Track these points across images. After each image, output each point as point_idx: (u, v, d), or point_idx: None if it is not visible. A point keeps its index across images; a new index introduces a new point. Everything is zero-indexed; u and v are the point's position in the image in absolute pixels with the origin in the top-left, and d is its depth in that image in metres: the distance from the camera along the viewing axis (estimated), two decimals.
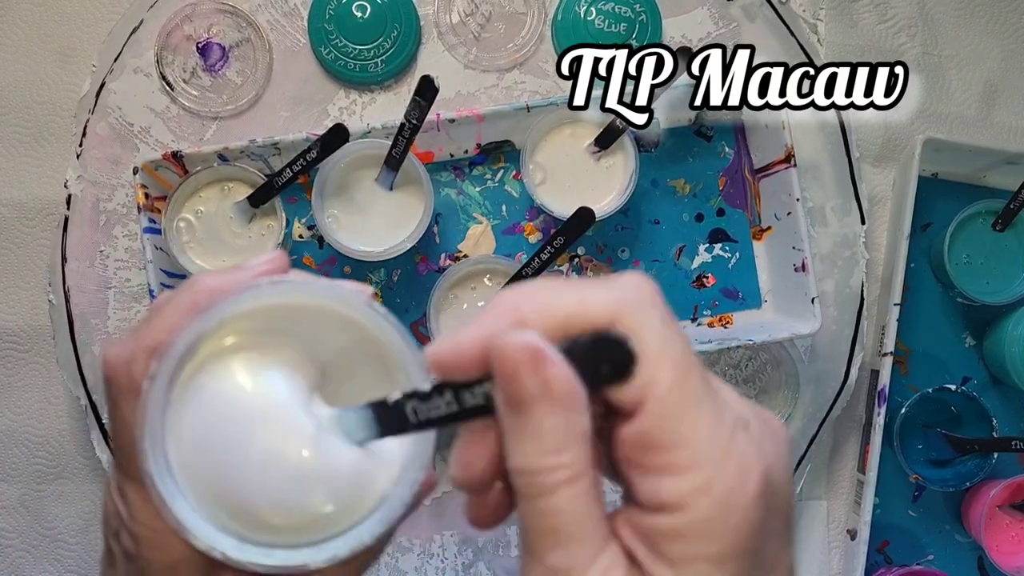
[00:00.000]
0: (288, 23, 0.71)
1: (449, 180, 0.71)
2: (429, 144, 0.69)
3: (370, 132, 0.65)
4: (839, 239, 0.72)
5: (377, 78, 0.70)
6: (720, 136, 0.71)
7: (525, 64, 0.71)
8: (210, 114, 0.71)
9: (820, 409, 0.72)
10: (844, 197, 0.72)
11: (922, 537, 0.74)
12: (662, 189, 0.71)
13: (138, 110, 0.70)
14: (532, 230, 0.70)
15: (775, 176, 0.68)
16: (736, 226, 0.72)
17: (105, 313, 0.70)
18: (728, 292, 0.71)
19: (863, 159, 0.74)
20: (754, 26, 0.72)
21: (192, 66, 0.71)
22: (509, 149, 0.70)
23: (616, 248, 0.71)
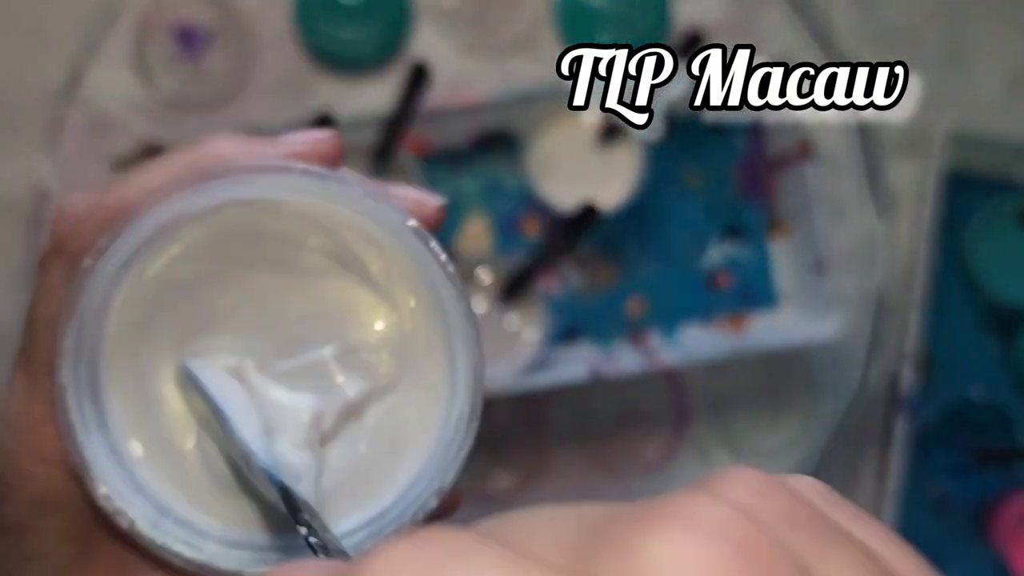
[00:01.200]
0: (271, 7, 0.69)
1: (443, 173, 0.68)
2: (422, 134, 0.67)
3: (359, 122, 0.63)
4: (858, 237, 0.71)
5: (366, 64, 0.68)
6: (733, 127, 0.71)
7: (525, 50, 0.69)
8: (191, 104, 0.69)
9: (835, 417, 0.70)
10: (863, 191, 0.71)
11: (945, 550, 0.72)
12: (672, 183, 0.70)
13: (115, 101, 0.68)
14: (532, 225, 0.69)
15: (791, 169, 0.67)
16: (750, 221, 0.70)
17: None
18: (742, 292, 0.70)
19: (883, 152, 0.73)
20: (768, 12, 0.71)
21: (171, 54, 0.69)
22: (508, 140, 0.68)
23: (622, 245, 0.69)
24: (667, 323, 0.68)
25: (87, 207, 0.24)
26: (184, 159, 0.25)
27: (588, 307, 0.68)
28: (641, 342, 0.67)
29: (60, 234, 0.24)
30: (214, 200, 0.24)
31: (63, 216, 0.25)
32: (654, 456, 0.69)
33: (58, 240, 0.24)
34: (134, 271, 0.25)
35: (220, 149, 0.25)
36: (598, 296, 0.69)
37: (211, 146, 0.25)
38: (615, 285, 0.69)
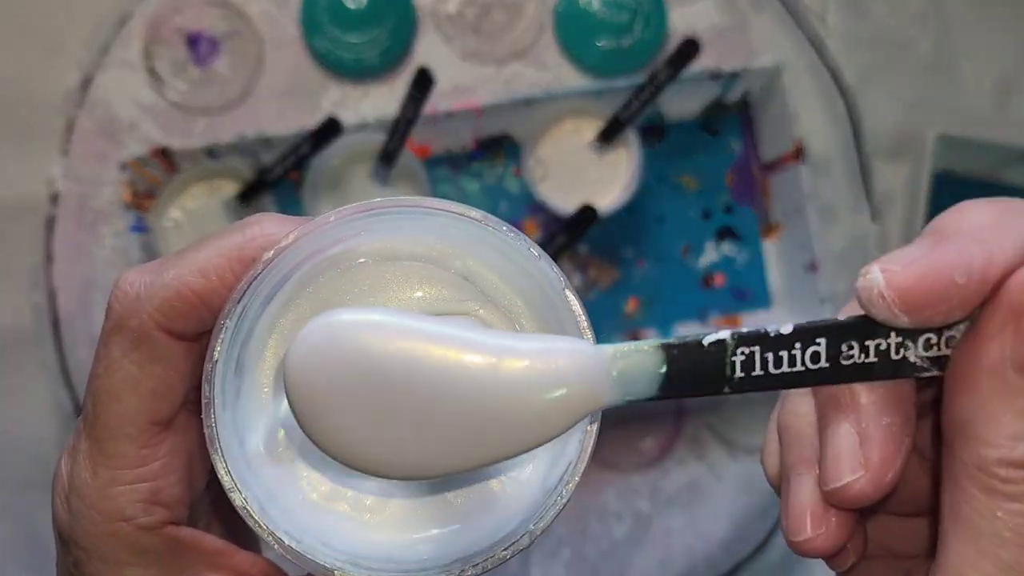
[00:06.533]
0: (280, 13, 0.69)
1: (446, 176, 0.69)
2: (425, 138, 0.67)
3: (364, 126, 0.64)
4: (850, 238, 0.70)
5: (372, 70, 0.68)
6: (728, 130, 0.70)
7: (525, 55, 0.69)
8: (199, 108, 0.69)
9: None
10: (855, 194, 0.70)
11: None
12: (668, 185, 0.70)
13: (125, 105, 0.69)
14: (532, 227, 0.69)
15: (784, 172, 0.67)
16: (744, 223, 0.70)
17: (91, 314, 0.69)
18: (736, 292, 0.70)
19: (875, 154, 0.72)
20: (761, 18, 0.71)
21: (181, 59, 0.69)
22: (508, 144, 0.69)
23: (620, 246, 0.70)
24: (663, 322, 0.69)
25: (144, 286, 0.26)
26: (234, 240, 0.26)
27: (586, 306, 0.68)
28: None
29: (119, 312, 0.26)
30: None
31: (122, 295, 0.26)
32: (652, 451, 0.69)
33: (117, 318, 0.26)
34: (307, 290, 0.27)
35: (268, 228, 0.26)
36: (596, 296, 0.70)
37: (257, 227, 0.26)
38: (612, 285, 0.69)
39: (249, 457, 0.26)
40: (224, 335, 0.25)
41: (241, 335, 0.26)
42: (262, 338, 0.27)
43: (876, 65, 0.73)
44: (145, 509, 0.26)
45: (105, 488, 0.26)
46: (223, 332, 0.25)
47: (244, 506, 0.25)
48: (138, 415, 0.26)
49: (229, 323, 0.25)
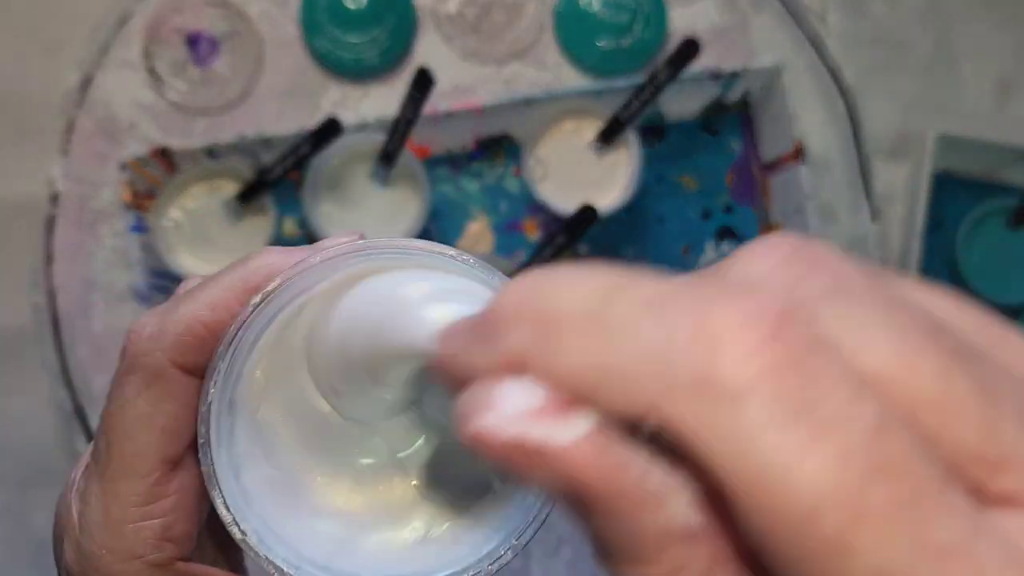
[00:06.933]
0: (280, 13, 0.69)
1: (446, 176, 0.69)
2: (425, 138, 0.67)
3: (364, 126, 0.64)
4: (850, 238, 0.70)
5: (372, 70, 0.68)
6: (728, 130, 0.70)
7: (526, 55, 0.69)
8: (199, 108, 0.69)
9: None
10: (855, 194, 0.70)
11: None
12: (668, 185, 0.70)
13: (125, 105, 0.69)
14: (532, 227, 0.69)
15: (784, 172, 0.67)
16: (744, 223, 0.70)
17: (91, 314, 0.69)
18: None
19: (875, 154, 0.72)
20: (761, 17, 0.70)
21: (181, 59, 0.69)
22: (508, 144, 0.69)
23: (620, 246, 0.70)
24: None
25: (156, 326, 0.27)
26: (237, 276, 0.27)
27: None
28: None
29: (132, 352, 0.27)
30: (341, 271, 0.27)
31: (135, 336, 0.27)
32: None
33: (131, 357, 0.27)
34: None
35: (269, 260, 0.27)
36: None
37: (260, 259, 0.27)
38: None
39: (245, 489, 0.28)
40: (217, 378, 0.26)
41: (232, 376, 0.27)
42: (251, 376, 0.28)
43: (876, 65, 0.73)
44: (156, 546, 0.27)
45: (118, 527, 0.26)
46: (216, 375, 0.26)
47: (243, 538, 0.26)
48: (150, 453, 0.27)
49: (221, 365, 0.26)
